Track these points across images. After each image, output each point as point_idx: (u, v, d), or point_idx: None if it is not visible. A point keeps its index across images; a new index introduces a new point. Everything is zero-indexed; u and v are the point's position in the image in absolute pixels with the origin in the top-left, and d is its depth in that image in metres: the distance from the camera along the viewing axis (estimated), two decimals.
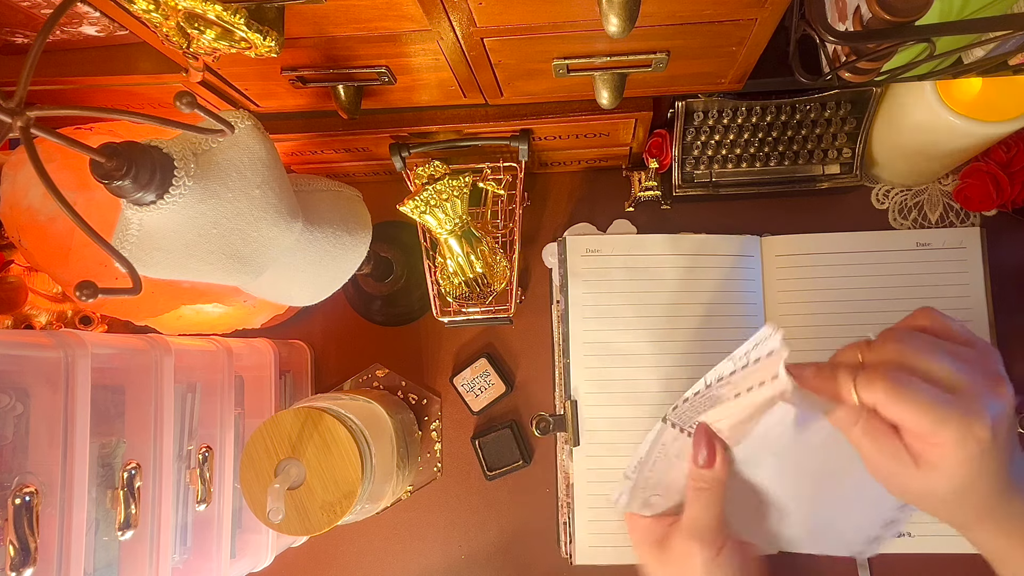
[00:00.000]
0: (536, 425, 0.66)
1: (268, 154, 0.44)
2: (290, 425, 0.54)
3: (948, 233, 0.67)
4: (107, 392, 0.49)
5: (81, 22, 0.48)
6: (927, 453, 0.41)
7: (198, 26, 0.36)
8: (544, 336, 0.72)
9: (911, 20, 0.38)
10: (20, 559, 0.39)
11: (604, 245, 0.68)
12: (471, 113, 0.59)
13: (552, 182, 0.74)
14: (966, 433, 0.40)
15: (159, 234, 0.41)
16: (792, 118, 0.65)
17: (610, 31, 0.35)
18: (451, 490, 0.72)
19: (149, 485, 0.50)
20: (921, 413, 0.40)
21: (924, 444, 0.41)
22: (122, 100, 0.55)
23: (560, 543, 0.69)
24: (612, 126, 0.61)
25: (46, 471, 0.42)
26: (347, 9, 0.41)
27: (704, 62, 0.50)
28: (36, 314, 0.68)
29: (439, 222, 0.62)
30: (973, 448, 0.40)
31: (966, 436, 0.40)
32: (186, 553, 0.56)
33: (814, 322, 0.67)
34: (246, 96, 0.54)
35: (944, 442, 0.40)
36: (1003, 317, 0.67)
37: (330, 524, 0.52)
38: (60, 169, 0.50)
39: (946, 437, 0.40)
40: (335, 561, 0.72)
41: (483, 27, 0.43)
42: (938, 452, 0.41)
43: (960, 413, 0.40)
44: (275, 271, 0.48)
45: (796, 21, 0.51)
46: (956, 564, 0.66)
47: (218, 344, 0.60)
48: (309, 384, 0.74)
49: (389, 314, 0.74)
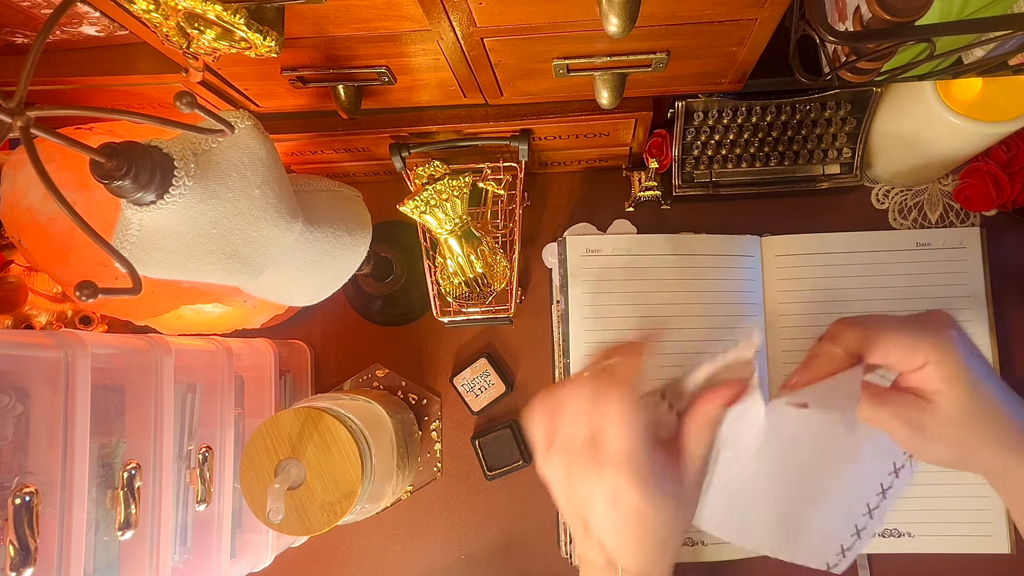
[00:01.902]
0: None
1: (268, 154, 0.45)
2: (290, 425, 0.54)
3: (948, 233, 0.67)
4: (107, 392, 0.49)
5: (81, 22, 0.48)
6: (922, 383, 0.45)
7: (198, 26, 0.36)
8: (544, 336, 0.72)
9: (911, 20, 0.38)
10: (20, 559, 0.39)
11: (604, 245, 0.68)
12: (471, 113, 0.59)
13: (552, 182, 0.74)
14: (939, 339, 0.45)
15: (159, 234, 0.41)
16: (792, 118, 0.65)
17: (610, 31, 0.35)
18: (451, 490, 0.72)
19: (149, 485, 0.50)
20: (895, 336, 0.45)
21: (913, 375, 0.46)
22: (122, 100, 0.55)
23: (560, 543, 0.69)
24: (612, 126, 0.61)
25: (46, 471, 0.42)
26: (347, 9, 0.41)
27: (704, 62, 0.50)
28: (36, 314, 0.68)
29: (439, 222, 0.62)
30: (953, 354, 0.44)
31: (941, 342, 0.45)
32: (186, 553, 0.56)
33: (814, 322, 0.67)
34: (246, 96, 0.54)
35: (928, 357, 0.45)
36: (1003, 317, 0.67)
37: (330, 524, 0.52)
38: (60, 169, 0.50)
39: (925, 350, 0.45)
40: (335, 561, 0.72)
41: (483, 27, 0.43)
42: (927, 374, 0.45)
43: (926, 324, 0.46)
44: (275, 271, 0.48)
45: (796, 21, 0.51)
46: (956, 564, 0.66)
47: (218, 344, 0.60)
48: (309, 384, 0.74)
49: (389, 314, 0.74)
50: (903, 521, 0.65)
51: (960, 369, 0.45)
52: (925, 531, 0.65)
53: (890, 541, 0.65)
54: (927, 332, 0.45)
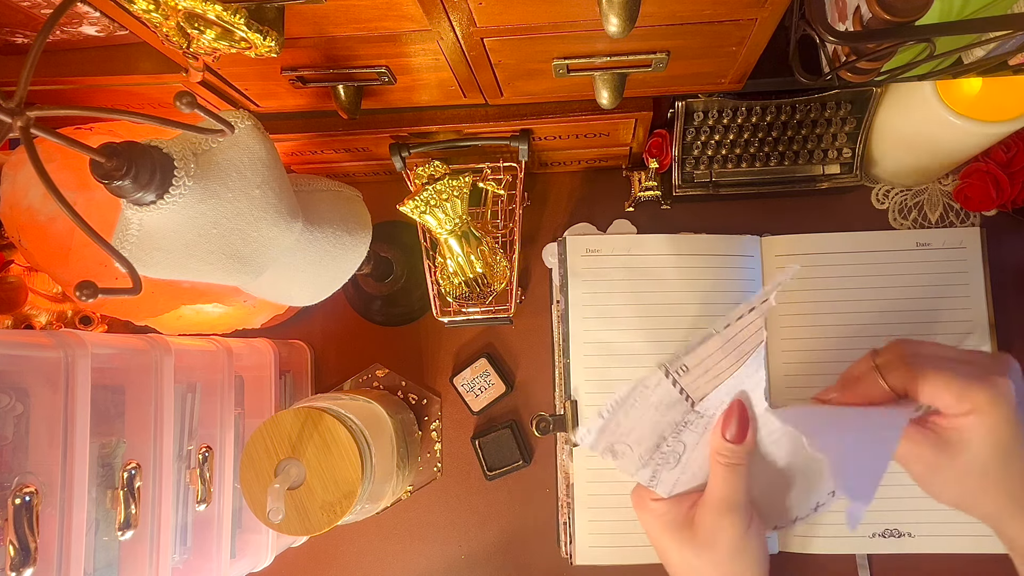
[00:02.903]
0: (536, 425, 0.66)
1: (268, 154, 0.44)
2: (290, 425, 0.54)
3: (948, 233, 0.67)
4: (107, 392, 0.49)
5: (81, 22, 0.48)
6: (959, 428, 0.43)
7: (198, 26, 0.36)
8: (544, 336, 0.72)
9: (911, 20, 0.38)
10: (20, 559, 0.39)
11: (604, 245, 0.68)
12: (471, 113, 0.59)
13: (552, 182, 0.74)
14: (994, 393, 0.42)
15: (159, 234, 0.41)
16: (792, 118, 0.65)
17: (610, 31, 0.35)
18: (451, 490, 0.72)
19: (149, 485, 0.50)
20: (948, 380, 0.42)
21: (954, 419, 0.43)
22: (122, 100, 0.55)
23: (560, 543, 0.69)
24: (612, 126, 0.61)
25: (46, 471, 0.42)
26: (347, 9, 0.41)
27: (704, 62, 0.50)
28: (36, 314, 0.68)
29: (439, 222, 0.62)
30: (1003, 410, 0.42)
31: (995, 397, 0.42)
32: (186, 553, 0.56)
33: (814, 322, 0.67)
34: (246, 96, 0.54)
35: (974, 407, 0.42)
36: (1003, 317, 0.67)
37: (330, 524, 0.52)
38: (60, 169, 0.50)
39: (976, 400, 0.42)
40: (335, 561, 0.72)
41: (483, 27, 0.43)
42: (969, 423, 0.42)
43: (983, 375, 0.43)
44: (275, 271, 0.48)
45: (796, 21, 0.51)
46: (956, 564, 0.66)
47: (218, 344, 0.60)
48: (309, 384, 0.74)
49: (389, 314, 0.74)
50: (903, 521, 0.65)
51: (1003, 428, 0.43)
52: (925, 531, 0.65)
53: (890, 541, 0.65)
54: (983, 383, 0.43)
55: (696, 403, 0.50)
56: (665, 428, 0.51)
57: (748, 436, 0.49)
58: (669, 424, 0.51)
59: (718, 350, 0.48)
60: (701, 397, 0.50)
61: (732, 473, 0.49)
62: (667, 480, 0.52)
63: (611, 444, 0.52)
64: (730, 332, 0.48)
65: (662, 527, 0.51)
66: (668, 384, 0.50)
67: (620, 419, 0.51)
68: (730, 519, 0.48)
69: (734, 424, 0.49)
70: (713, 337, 0.48)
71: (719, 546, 0.48)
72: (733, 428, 0.49)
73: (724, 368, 0.49)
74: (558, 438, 0.70)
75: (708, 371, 0.49)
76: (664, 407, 0.50)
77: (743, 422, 0.49)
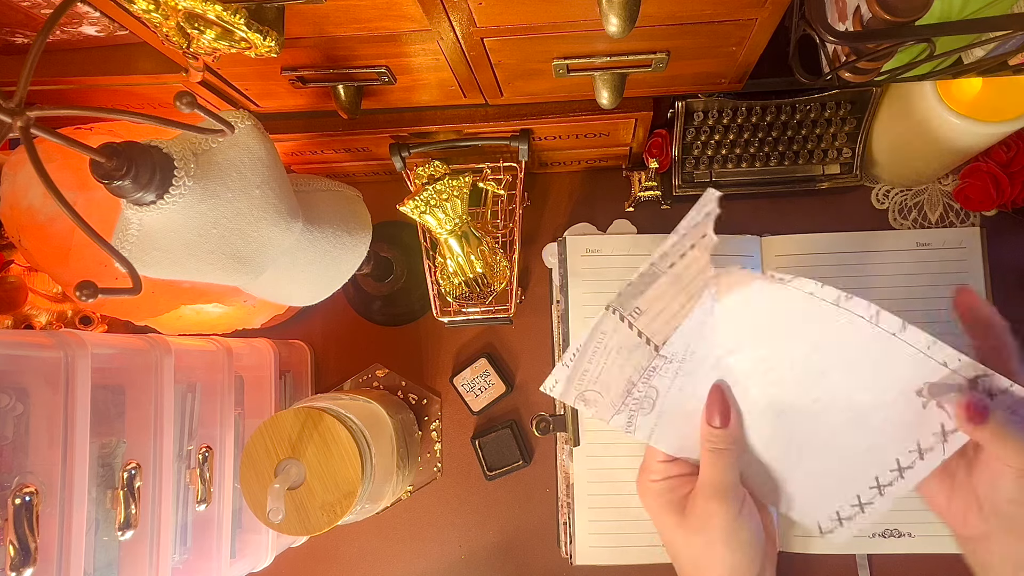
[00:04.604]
0: (536, 425, 0.66)
1: (268, 154, 0.45)
2: (290, 425, 0.54)
3: (948, 233, 0.67)
4: (107, 392, 0.49)
5: (81, 22, 0.48)
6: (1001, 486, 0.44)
7: (198, 26, 0.36)
8: (544, 336, 0.72)
9: (911, 20, 0.38)
10: (20, 559, 0.39)
11: (604, 245, 0.68)
12: (471, 113, 0.59)
13: (552, 182, 0.74)
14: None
15: (159, 234, 0.41)
16: (792, 118, 0.65)
17: (610, 31, 0.35)
18: (451, 490, 0.72)
19: (149, 485, 0.50)
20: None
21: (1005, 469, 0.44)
22: (122, 100, 0.55)
23: (560, 543, 0.69)
24: (612, 126, 0.61)
25: (46, 471, 0.42)
26: (347, 9, 0.41)
27: (704, 62, 0.50)
28: (36, 314, 0.68)
29: (439, 222, 0.62)
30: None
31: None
32: (186, 553, 0.56)
33: None
34: (246, 96, 0.54)
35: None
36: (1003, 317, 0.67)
37: (330, 524, 0.52)
38: (60, 169, 0.50)
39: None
40: (335, 561, 0.72)
41: (483, 27, 0.43)
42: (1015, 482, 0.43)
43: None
44: (275, 271, 0.48)
45: (796, 21, 0.51)
46: (956, 564, 0.65)
47: (218, 344, 0.60)
48: (309, 384, 0.74)
49: (389, 314, 0.74)
50: (903, 521, 0.65)
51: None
52: (925, 531, 0.65)
53: (890, 541, 0.65)
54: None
55: (660, 347, 0.51)
56: (632, 372, 0.51)
57: (732, 421, 0.50)
58: (635, 368, 0.51)
59: (668, 290, 0.49)
60: (663, 341, 0.50)
61: (719, 458, 0.50)
62: (644, 426, 0.53)
63: (581, 392, 0.52)
64: (676, 271, 0.48)
65: (660, 507, 0.53)
66: (625, 328, 0.50)
67: (585, 366, 0.52)
68: (719, 503, 0.49)
69: (716, 410, 0.50)
70: (660, 277, 0.48)
71: (711, 530, 0.49)
72: (717, 414, 0.50)
73: (677, 309, 0.49)
74: (558, 438, 0.70)
75: (661, 312, 0.50)
76: (627, 351, 0.50)
77: (723, 407, 0.50)
